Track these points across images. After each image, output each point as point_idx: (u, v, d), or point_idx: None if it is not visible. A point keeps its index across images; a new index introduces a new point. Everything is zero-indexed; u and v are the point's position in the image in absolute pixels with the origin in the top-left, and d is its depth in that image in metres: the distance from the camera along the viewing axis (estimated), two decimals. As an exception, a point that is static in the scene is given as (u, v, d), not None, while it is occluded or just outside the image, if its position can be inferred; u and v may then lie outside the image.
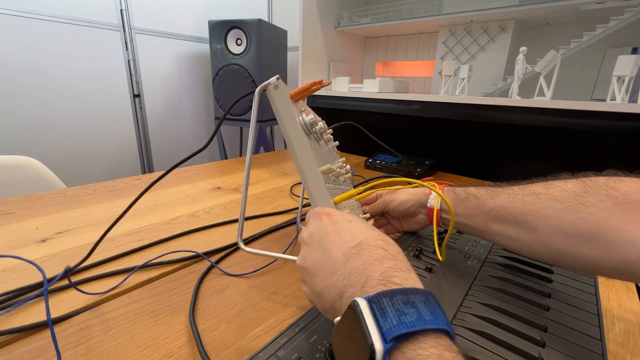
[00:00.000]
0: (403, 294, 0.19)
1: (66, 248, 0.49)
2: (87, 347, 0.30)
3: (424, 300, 0.18)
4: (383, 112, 1.13)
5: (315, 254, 0.26)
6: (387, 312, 0.17)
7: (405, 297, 0.18)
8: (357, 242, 0.24)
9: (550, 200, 0.31)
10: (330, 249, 0.25)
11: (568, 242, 0.30)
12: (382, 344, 0.16)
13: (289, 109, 0.37)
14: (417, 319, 0.17)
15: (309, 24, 1.22)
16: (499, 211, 0.35)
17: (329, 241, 0.25)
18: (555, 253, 0.31)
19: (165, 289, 0.40)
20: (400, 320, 0.17)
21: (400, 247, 0.47)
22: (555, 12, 0.88)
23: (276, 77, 0.37)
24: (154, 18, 1.83)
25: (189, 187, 0.78)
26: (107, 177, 1.80)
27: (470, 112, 0.94)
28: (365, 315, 0.18)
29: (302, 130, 0.38)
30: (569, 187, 0.31)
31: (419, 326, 0.17)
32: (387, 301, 0.18)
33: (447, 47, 1.13)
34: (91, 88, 1.67)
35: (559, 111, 0.80)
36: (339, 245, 0.24)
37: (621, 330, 0.35)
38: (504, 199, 0.35)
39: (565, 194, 0.30)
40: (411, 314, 0.17)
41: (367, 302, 0.19)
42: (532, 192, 0.33)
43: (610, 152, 0.77)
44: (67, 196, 0.70)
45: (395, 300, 0.18)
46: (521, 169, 0.91)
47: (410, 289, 0.19)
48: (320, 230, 0.27)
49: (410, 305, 0.18)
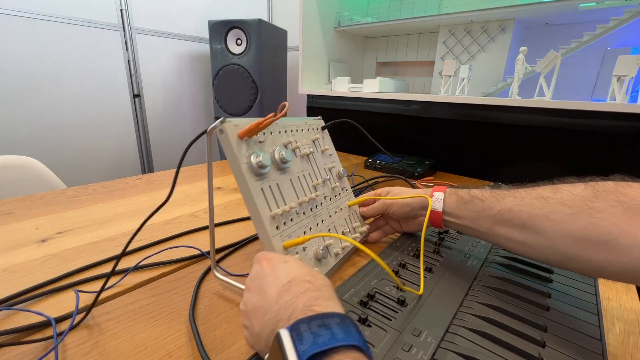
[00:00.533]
0: (320, 318, 0.21)
1: (66, 248, 0.49)
2: (87, 347, 0.30)
3: (339, 322, 0.20)
4: (383, 112, 1.13)
5: (255, 297, 0.27)
6: (303, 336, 0.19)
7: (321, 321, 0.20)
8: (289, 279, 0.26)
9: (559, 205, 0.31)
10: (267, 289, 0.26)
11: (577, 246, 0.30)
12: None
13: (233, 153, 0.36)
14: (330, 339, 0.19)
15: (309, 24, 1.22)
16: (505, 214, 0.35)
17: (266, 283, 0.27)
18: (563, 257, 0.31)
19: (165, 289, 0.40)
20: (315, 341, 0.19)
21: (400, 248, 0.48)
22: (555, 12, 0.88)
23: (220, 120, 0.35)
24: (154, 18, 1.83)
25: (189, 187, 0.78)
26: (107, 177, 1.80)
27: (470, 112, 0.94)
28: (285, 342, 0.20)
29: (250, 173, 0.37)
30: (578, 192, 0.31)
31: (331, 344, 0.19)
32: (304, 326, 0.20)
33: (447, 47, 1.13)
34: (91, 88, 1.67)
35: (559, 111, 0.80)
36: (274, 285, 0.26)
37: (621, 330, 0.35)
38: (511, 202, 0.35)
39: (575, 199, 0.30)
40: (325, 334, 0.19)
41: (289, 331, 0.20)
42: (540, 195, 0.33)
43: (610, 152, 0.77)
44: (67, 196, 0.70)
45: (312, 325, 0.20)
46: (521, 168, 0.91)
47: (327, 314, 0.21)
48: (259, 274, 0.29)
49: (324, 328, 0.20)
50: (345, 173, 0.55)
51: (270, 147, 0.41)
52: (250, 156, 0.37)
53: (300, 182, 0.45)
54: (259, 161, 0.37)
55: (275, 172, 0.41)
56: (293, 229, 0.40)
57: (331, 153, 0.55)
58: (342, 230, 0.48)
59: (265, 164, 0.37)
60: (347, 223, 0.51)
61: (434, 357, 0.28)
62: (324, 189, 0.49)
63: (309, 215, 0.44)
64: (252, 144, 0.39)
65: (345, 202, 0.52)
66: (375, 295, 0.36)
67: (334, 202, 0.50)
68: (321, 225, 0.45)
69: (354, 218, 0.53)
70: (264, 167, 0.37)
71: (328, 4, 1.26)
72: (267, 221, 0.37)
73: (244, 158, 0.37)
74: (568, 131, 0.81)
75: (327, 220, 0.47)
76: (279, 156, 0.40)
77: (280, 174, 0.41)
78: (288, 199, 0.41)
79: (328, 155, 0.54)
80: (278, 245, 0.37)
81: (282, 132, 0.45)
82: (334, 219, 0.48)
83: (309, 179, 0.47)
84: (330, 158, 0.54)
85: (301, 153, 0.47)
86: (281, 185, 0.41)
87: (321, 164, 0.51)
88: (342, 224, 0.49)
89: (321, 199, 0.47)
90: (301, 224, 0.42)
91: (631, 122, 0.71)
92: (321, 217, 0.46)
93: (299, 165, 0.46)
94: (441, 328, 0.31)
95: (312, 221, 0.44)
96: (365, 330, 0.31)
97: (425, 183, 0.87)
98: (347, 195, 0.54)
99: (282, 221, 0.39)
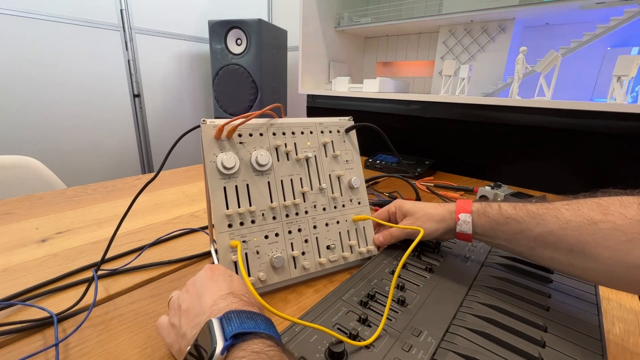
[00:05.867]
0: (248, 313, 0.24)
1: (66, 248, 0.49)
2: (87, 346, 0.30)
3: (263, 318, 0.24)
4: (383, 112, 1.13)
5: (191, 299, 0.28)
6: (232, 320, 0.23)
7: (249, 314, 0.24)
8: (229, 291, 0.27)
9: (612, 231, 0.29)
10: (205, 294, 0.27)
11: (634, 272, 0.28)
12: (223, 341, 0.21)
13: (206, 150, 0.39)
14: (254, 325, 0.23)
15: (309, 24, 1.22)
16: (549, 238, 0.33)
17: (206, 288, 0.28)
18: (616, 281, 0.30)
19: (165, 289, 0.40)
20: (241, 325, 0.23)
21: (399, 248, 0.48)
22: (555, 12, 0.88)
23: (202, 120, 0.39)
24: (154, 18, 1.82)
25: (189, 187, 0.78)
26: (107, 177, 1.80)
27: (470, 112, 0.94)
28: (215, 325, 0.23)
29: (214, 171, 0.39)
30: (632, 215, 0.28)
31: (254, 329, 0.23)
32: (233, 315, 0.23)
33: (447, 47, 1.13)
34: (91, 88, 1.67)
35: (559, 111, 0.80)
36: (213, 293, 0.27)
37: (621, 330, 0.35)
38: (554, 225, 0.33)
39: (630, 224, 0.28)
40: (250, 323, 0.23)
41: (219, 319, 0.23)
42: (588, 219, 0.31)
43: (610, 152, 0.77)
44: (67, 196, 0.70)
45: (241, 315, 0.24)
46: (521, 168, 0.91)
47: (255, 312, 0.25)
48: (202, 278, 0.30)
49: (251, 319, 0.24)
50: (359, 184, 0.48)
51: (252, 148, 0.41)
52: (218, 155, 0.39)
53: (283, 187, 0.43)
54: (222, 161, 0.38)
55: (249, 173, 0.41)
56: (251, 230, 0.40)
57: (349, 159, 0.49)
58: (327, 244, 0.44)
59: (227, 164, 0.38)
60: (341, 238, 0.46)
61: (434, 357, 0.28)
62: (318, 197, 0.45)
63: (280, 221, 0.42)
64: (231, 144, 0.40)
65: (350, 216, 0.47)
66: (375, 295, 0.36)
67: (329, 213, 0.45)
68: (295, 233, 0.42)
69: (357, 235, 0.47)
70: (227, 167, 0.39)
71: (328, 4, 1.26)
72: (218, 218, 0.38)
73: (213, 157, 0.39)
74: (568, 131, 0.81)
75: (306, 230, 0.43)
76: (255, 159, 0.41)
77: (255, 176, 0.41)
78: (256, 201, 0.41)
79: (344, 161, 0.48)
80: (224, 242, 0.38)
81: (277, 134, 0.44)
82: (321, 230, 0.44)
83: (297, 184, 0.44)
84: (346, 165, 0.49)
85: (296, 157, 0.44)
86: (252, 187, 0.41)
87: (326, 170, 0.47)
88: (331, 238, 0.45)
89: (307, 207, 0.44)
90: (265, 227, 0.41)
91: (631, 122, 0.71)
92: (299, 225, 0.43)
93: (287, 169, 0.44)
94: (441, 328, 0.31)
95: (282, 227, 0.42)
96: (365, 330, 0.31)
97: (425, 183, 0.87)
98: (357, 208, 0.48)
99: (238, 221, 0.39)
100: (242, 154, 0.41)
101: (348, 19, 1.28)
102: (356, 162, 0.50)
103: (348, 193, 0.48)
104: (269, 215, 0.41)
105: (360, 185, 0.49)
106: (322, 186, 0.46)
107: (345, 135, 0.50)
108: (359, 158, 0.50)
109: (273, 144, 0.43)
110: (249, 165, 0.41)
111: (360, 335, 0.30)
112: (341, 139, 0.49)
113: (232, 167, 0.39)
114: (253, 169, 0.41)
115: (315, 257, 0.43)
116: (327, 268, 0.44)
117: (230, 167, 0.39)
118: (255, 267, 0.39)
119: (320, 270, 0.44)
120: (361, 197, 0.49)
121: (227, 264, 0.37)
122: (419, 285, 0.39)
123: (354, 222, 0.47)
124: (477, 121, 0.94)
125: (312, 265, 0.43)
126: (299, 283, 0.42)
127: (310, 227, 0.44)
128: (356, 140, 0.51)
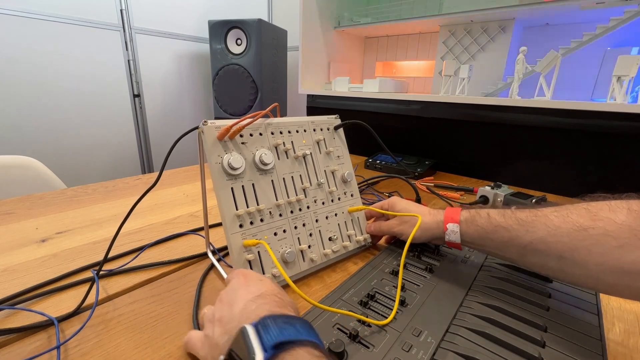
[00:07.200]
0: (285, 317, 0.23)
1: (66, 248, 0.49)
2: (87, 347, 0.30)
3: (301, 322, 0.23)
4: (383, 112, 1.13)
5: (223, 307, 0.28)
6: (269, 328, 0.21)
7: (286, 319, 0.22)
8: (259, 293, 0.27)
9: (602, 237, 0.28)
10: (236, 301, 0.27)
11: (626, 278, 0.27)
12: (262, 352, 0.19)
13: (209, 151, 0.39)
14: (294, 332, 0.21)
15: (309, 24, 1.22)
16: (539, 245, 0.33)
17: (238, 295, 0.28)
18: (606, 287, 0.30)
19: (165, 289, 0.40)
20: (281, 332, 0.21)
21: (399, 249, 0.48)
22: (555, 12, 0.88)
23: (203, 121, 0.39)
24: (154, 18, 1.82)
25: (189, 187, 0.78)
26: (107, 177, 1.80)
27: (470, 112, 0.94)
28: (250, 334, 0.21)
29: (221, 172, 0.39)
30: (622, 220, 0.28)
31: (295, 337, 0.21)
32: (270, 321, 0.22)
33: (447, 47, 1.13)
34: (91, 88, 1.67)
35: (559, 111, 0.80)
36: (244, 297, 0.27)
37: (621, 330, 0.35)
38: (543, 232, 0.32)
39: (620, 229, 0.28)
40: (289, 329, 0.21)
41: (253, 326, 0.22)
42: (577, 225, 0.30)
43: (610, 152, 0.77)
44: (67, 196, 0.70)
45: (278, 321, 0.22)
46: (521, 168, 0.91)
47: (291, 315, 0.23)
48: (234, 285, 0.29)
49: (289, 324, 0.22)
50: (352, 177, 0.52)
51: (254, 148, 0.42)
52: (224, 156, 0.39)
53: (285, 184, 0.44)
54: (229, 162, 0.38)
55: (253, 172, 0.41)
56: (261, 229, 0.40)
57: (339, 155, 0.52)
58: (328, 236, 0.47)
59: (234, 165, 0.39)
60: (340, 229, 0.49)
61: (434, 357, 0.28)
62: (317, 192, 0.47)
63: (286, 218, 0.43)
64: (234, 144, 0.40)
65: (346, 208, 0.50)
66: (375, 295, 0.36)
67: (328, 207, 0.48)
68: (300, 228, 0.44)
69: (353, 225, 0.50)
70: (235, 168, 0.39)
71: (328, 4, 1.26)
72: (229, 219, 0.39)
73: (218, 158, 0.39)
74: (568, 131, 0.81)
75: (310, 225, 0.45)
76: (259, 158, 0.41)
77: (259, 175, 0.42)
78: (262, 200, 0.41)
79: (335, 157, 0.52)
80: (236, 243, 0.38)
81: (275, 133, 0.45)
82: (322, 223, 0.47)
83: (297, 181, 0.46)
84: (337, 160, 0.52)
85: (295, 155, 0.46)
86: (257, 186, 0.41)
87: (321, 166, 0.49)
88: (332, 230, 0.47)
89: (309, 202, 0.46)
90: (273, 225, 0.42)
91: (631, 122, 0.71)
92: (303, 220, 0.45)
93: (288, 167, 0.45)
94: (441, 328, 0.31)
95: (288, 223, 0.43)
96: (365, 331, 0.31)
97: (425, 183, 0.87)
98: (350, 200, 0.52)
99: (248, 220, 0.40)
100: (246, 154, 0.41)
101: (348, 19, 1.28)
102: (346, 157, 0.54)
103: (342, 186, 0.51)
104: (275, 213, 0.42)
105: (352, 179, 0.52)
106: (320, 181, 0.48)
107: (335, 132, 0.53)
108: (347, 153, 0.54)
109: (273, 143, 0.44)
110: (253, 164, 0.41)
111: (360, 335, 0.30)
112: (332, 136, 0.52)
113: (239, 168, 0.39)
114: (257, 168, 0.42)
115: (320, 249, 0.45)
116: (332, 258, 0.46)
117: (237, 167, 0.39)
118: (268, 264, 0.40)
119: (326, 261, 0.46)
120: (353, 190, 0.53)
121: (241, 264, 0.38)
122: (419, 285, 0.39)
123: (349, 213, 0.50)
124: (477, 121, 0.94)
125: (319, 257, 0.44)
126: (306, 275, 0.44)
127: (313, 221, 0.46)
128: (344, 136, 0.55)
